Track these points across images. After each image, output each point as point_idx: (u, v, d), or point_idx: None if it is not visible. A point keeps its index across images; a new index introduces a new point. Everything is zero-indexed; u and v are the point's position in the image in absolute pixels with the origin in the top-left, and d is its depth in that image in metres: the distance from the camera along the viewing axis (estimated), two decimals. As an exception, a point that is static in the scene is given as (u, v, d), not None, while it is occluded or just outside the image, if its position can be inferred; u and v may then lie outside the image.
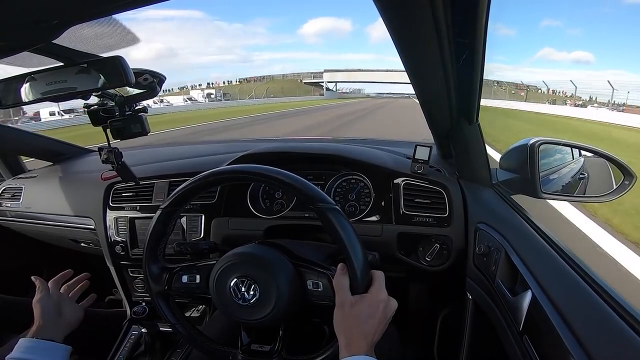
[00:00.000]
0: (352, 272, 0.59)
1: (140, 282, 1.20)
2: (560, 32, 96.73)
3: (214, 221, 1.06)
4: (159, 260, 0.71)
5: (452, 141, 0.92)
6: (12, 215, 1.39)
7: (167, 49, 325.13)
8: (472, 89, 0.69)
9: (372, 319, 0.56)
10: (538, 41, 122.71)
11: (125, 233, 1.15)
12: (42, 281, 0.88)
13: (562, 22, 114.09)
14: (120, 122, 0.83)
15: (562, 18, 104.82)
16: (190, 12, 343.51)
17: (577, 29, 75.32)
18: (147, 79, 0.77)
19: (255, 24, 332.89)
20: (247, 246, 0.69)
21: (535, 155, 0.89)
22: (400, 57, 0.57)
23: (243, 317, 0.64)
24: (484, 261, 0.79)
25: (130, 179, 0.95)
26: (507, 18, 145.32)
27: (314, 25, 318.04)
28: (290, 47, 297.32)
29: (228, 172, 0.68)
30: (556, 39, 73.12)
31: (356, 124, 13.25)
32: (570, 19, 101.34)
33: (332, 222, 0.59)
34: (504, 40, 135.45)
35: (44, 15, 0.45)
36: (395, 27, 0.50)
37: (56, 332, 0.79)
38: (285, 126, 13.02)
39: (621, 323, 0.45)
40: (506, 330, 0.65)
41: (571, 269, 0.58)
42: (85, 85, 0.62)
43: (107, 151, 0.88)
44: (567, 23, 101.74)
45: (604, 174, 0.96)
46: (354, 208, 1.03)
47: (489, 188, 0.94)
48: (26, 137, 1.46)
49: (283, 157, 1.12)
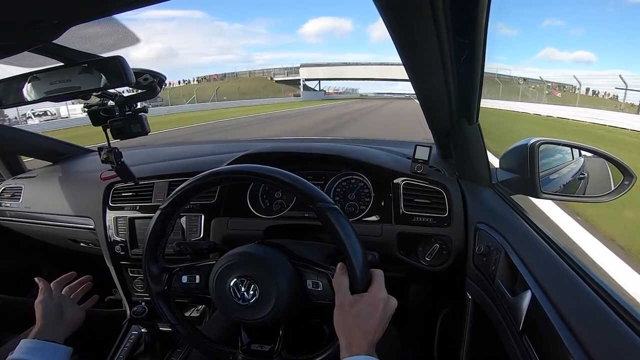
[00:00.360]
0: (351, 272, 0.59)
1: (140, 282, 1.20)
2: (562, 31, 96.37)
3: (214, 221, 1.06)
4: (158, 260, 0.71)
5: (452, 141, 0.92)
6: (12, 215, 1.39)
7: (167, 48, 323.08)
8: (472, 89, 0.69)
9: (372, 318, 0.56)
10: (539, 41, 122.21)
11: (124, 233, 1.15)
12: (44, 282, 0.88)
13: (564, 22, 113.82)
14: (120, 122, 0.83)
15: (564, 18, 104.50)
16: (191, 12, 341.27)
17: (580, 29, 74.50)
18: (147, 79, 0.77)
19: (255, 24, 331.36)
20: (247, 246, 0.69)
21: (535, 155, 0.89)
22: (400, 57, 0.57)
23: (243, 317, 0.65)
24: (484, 261, 0.79)
25: (130, 179, 0.95)
26: (507, 18, 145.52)
27: (315, 25, 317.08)
28: (291, 47, 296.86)
29: (228, 172, 0.68)
30: (558, 38, 71.97)
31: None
32: (572, 18, 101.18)
33: (332, 221, 0.59)
34: (504, 40, 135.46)
35: (44, 15, 0.45)
36: (395, 27, 0.50)
37: (57, 333, 0.79)
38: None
39: (621, 323, 0.45)
40: (506, 330, 0.65)
41: (571, 269, 0.58)
42: (85, 85, 0.63)
43: (106, 151, 0.88)
44: (569, 23, 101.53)
45: (603, 174, 0.96)
46: (353, 208, 1.03)
47: (488, 188, 0.94)
48: (26, 137, 1.46)
49: (283, 157, 1.12)
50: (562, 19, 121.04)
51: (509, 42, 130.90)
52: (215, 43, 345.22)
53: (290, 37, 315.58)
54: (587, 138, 10.09)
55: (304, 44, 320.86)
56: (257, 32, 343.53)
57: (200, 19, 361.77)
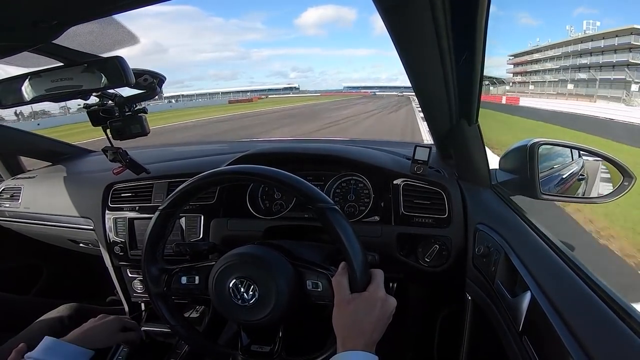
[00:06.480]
0: (351, 271, 0.59)
1: (140, 283, 1.20)
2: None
3: (213, 222, 1.06)
4: (158, 261, 0.71)
5: (451, 142, 0.92)
6: (11, 216, 1.39)
7: (156, 44, 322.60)
8: (472, 90, 0.69)
9: (369, 317, 0.56)
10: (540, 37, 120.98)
11: (124, 234, 1.15)
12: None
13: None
14: (119, 122, 0.83)
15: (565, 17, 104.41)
16: (184, 8, 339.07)
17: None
18: (147, 80, 0.77)
19: (250, 18, 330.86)
20: (246, 247, 0.69)
21: (535, 156, 0.89)
22: (400, 57, 0.57)
23: (242, 317, 0.64)
24: (484, 262, 0.79)
25: (142, 171, 0.97)
26: (507, 17, 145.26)
27: (315, 14, 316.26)
28: (289, 42, 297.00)
29: (227, 173, 0.68)
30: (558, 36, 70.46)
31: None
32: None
33: (331, 221, 0.59)
34: (504, 40, 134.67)
35: (44, 15, 0.46)
36: (395, 27, 0.50)
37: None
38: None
39: (620, 323, 0.45)
40: (506, 331, 0.65)
41: (570, 270, 0.58)
42: (85, 85, 0.63)
43: (112, 152, 0.89)
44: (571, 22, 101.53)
45: (603, 175, 0.96)
46: (353, 209, 1.03)
47: (488, 189, 0.94)
48: (25, 137, 1.46)
49: (282, 157, 1.12)
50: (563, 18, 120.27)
51: (509, 41, 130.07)
52: (212, 39, 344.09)
53: (288, 32, 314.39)
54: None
55: (303, 38, 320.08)
56: (253, 27, 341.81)
57: (194, 14, 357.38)
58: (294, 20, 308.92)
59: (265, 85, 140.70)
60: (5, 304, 1.20)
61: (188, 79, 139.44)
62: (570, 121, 12.65)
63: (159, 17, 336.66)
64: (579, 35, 34.61)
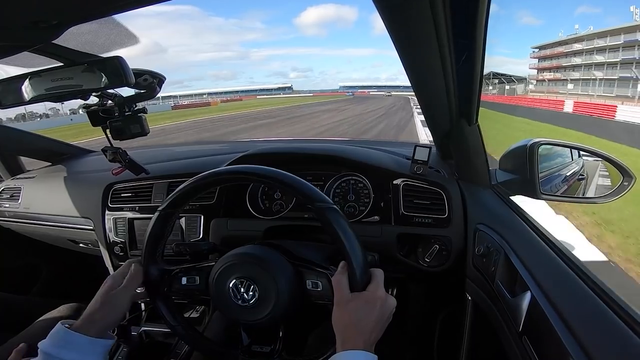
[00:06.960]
0: (350, 270, 0.59)
1: None
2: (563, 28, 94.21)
3: (213, 222, 1.06)
4: (157, 262, 0.71)
5: (451, 142, 0.92)
6: (11, 216, 1.39)
7: (155, 44, 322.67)
8: (472, 90, 0.69)
9: (368, 316, 0.56)
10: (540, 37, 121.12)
11: (124, 234, 1.15)
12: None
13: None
14: (119, 122, 0.83)
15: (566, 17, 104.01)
16: (184, 8, 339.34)
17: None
18: (146, 80, 0.77)
19: (250, 18, 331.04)
20: (246, 247, 0.69)
21: (535, 156, 0.88)
22: (400, 57, 0.57)
23: (243, 317, 0.64)
24: (484, 262, 0.79)
25: (141, 171, 0.97)
26: (508, 17, 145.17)
27: (314, 13, 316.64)
28: (289, 42, 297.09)
29: (227, 173, 0.68)
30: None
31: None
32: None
33: (331, 221, 0.59)
34: (504, 39, 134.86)
35: (44, 15, 0.45)
36: (395, 27, 0.50)
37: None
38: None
39: (620, 324, 0.45)
40: (506, 331, 0.65)
41: (570, 270, 0.58)
42: (85, 85, 0.63)
43: (111, 152, 0.89)
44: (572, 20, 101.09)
45: (603, 175, 0.96)
46: (353, 209, 1.03)
47: (488, 189, 0.94)
48: (25, 137, 1.46)
49: (282, 157, 1.12)
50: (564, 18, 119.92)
51: (509, 40, 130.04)
52: (212, 39, 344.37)
53: (287, 32, 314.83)
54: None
55: (303, 38, 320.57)
56: (253, 27, 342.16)
57: (193, 14, 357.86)
58: (294, 20, 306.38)
59: (264, 85, 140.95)
60: (5, 304, 1.20)
61: (187, 79, 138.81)
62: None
63: (159, 17, 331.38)
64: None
